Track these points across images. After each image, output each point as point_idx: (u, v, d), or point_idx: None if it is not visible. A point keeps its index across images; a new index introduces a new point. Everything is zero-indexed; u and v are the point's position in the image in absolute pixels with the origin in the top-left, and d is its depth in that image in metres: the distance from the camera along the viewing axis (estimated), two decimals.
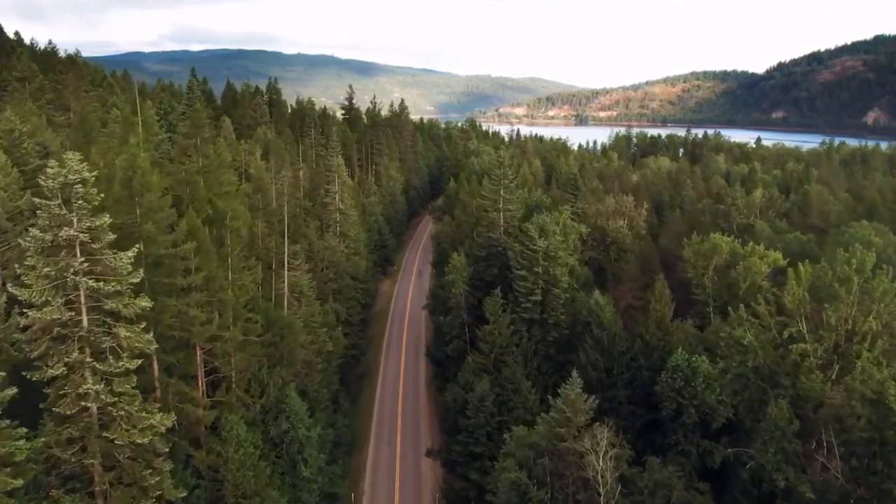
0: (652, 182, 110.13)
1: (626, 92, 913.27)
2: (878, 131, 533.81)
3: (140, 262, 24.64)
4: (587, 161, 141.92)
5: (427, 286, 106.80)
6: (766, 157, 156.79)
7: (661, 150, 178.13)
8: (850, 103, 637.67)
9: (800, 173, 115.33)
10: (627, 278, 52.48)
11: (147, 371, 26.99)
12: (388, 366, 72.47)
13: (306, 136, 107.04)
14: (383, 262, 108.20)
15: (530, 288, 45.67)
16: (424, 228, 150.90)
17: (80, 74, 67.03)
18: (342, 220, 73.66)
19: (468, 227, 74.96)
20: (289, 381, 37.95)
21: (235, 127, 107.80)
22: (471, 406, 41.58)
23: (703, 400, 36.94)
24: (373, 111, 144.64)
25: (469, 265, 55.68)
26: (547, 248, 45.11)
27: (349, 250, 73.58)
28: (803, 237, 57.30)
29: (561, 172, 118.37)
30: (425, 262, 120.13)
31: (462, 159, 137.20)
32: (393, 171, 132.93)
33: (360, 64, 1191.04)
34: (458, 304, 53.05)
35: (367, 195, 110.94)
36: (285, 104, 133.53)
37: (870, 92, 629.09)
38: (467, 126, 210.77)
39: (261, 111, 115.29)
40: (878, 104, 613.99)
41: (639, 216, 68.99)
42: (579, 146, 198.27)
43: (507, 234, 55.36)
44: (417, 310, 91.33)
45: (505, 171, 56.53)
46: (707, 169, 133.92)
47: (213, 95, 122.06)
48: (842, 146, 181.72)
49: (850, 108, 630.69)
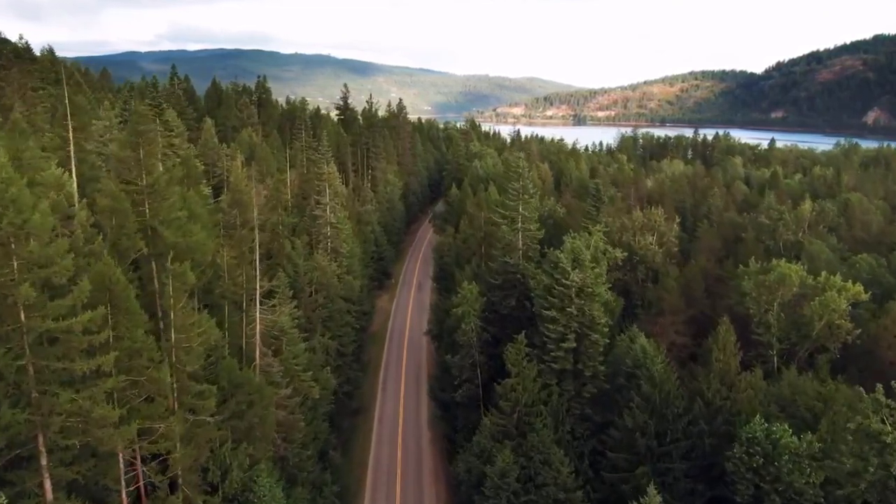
0: (671, 189, 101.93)
1: (624, 92, 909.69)
2: (878, 131, 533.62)
3: (17, 340, 16.55)
4: (597, 165, 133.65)
5: (427, 300, 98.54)
6: (785, 161, 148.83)
7: (670, 152, 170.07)
8: (849, 103, 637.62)
9: (829, 178, 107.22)
10: (669, 309, 44.29)
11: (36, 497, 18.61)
12: (385, 399, 64.07)
13: (296, 139, 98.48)
14: (380, 275, 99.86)
15: (562, 333, 37.02)
16: (424, 235, 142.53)
17: (27, 70, 58.68)
18: (334, 234, 65.28)
19: (475, 243, 66.73)
20: (259, 459, 29.67)
21: (219, 129, 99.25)
22: (489, 484, 33.25)
23: (790, 484, 28.75)
24: (369, 111, 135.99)
25: (481, 293, 47.07)
26: (582, 282, 36.53)
27: (342, 269, 65.23)
28: (874, 261, 49.09)
29: (571, 178, 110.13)
30: (425, 274, 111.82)
31: (464, 163, 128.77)
32: (390, 176, 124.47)
33: (358, 63, 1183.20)
34: (468, 342, 44.71)
35: (362, 203, 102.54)
36: (276, 104, 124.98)
37: (869, 92, 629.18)
38: (467, 126, 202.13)
39: (248, 112, 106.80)
40: (877, 104, 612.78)
41: (669, 231, 60.82)
42: (585, 148, 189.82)
43: (526, 258, 46.82)
44: (418, 330, 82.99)
45: (525, 183, 47.59)
46: (725, 173, 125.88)
47: (197, 95, 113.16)
48: (856, 147, 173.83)
49: (849, 107, 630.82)
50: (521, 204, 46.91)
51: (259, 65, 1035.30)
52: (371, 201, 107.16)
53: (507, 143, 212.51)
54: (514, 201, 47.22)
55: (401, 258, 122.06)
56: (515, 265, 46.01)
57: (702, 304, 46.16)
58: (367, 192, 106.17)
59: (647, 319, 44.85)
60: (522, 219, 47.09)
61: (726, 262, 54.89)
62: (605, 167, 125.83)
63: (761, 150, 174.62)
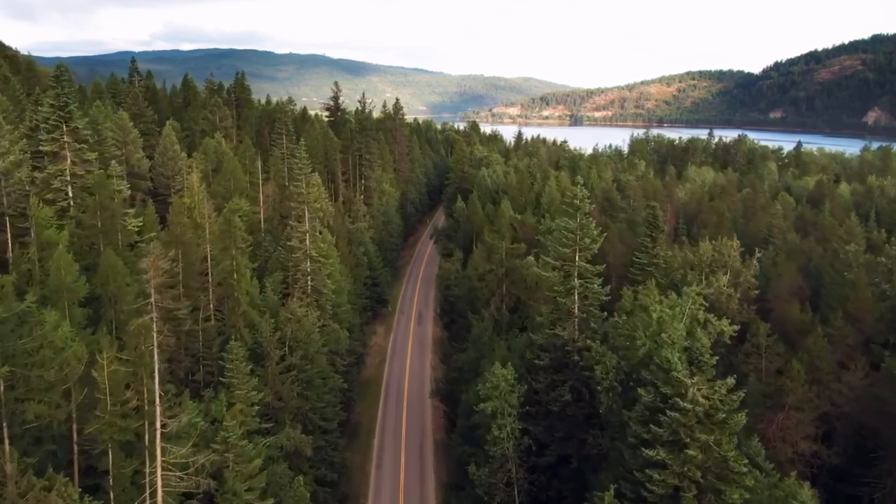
0: (708, 204, 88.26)
1: (621, 92, 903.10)
2: (878, 131, 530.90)
3: None
4: (618, 172, 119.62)
5: (429, 334, 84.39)
6: (825, 167, 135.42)
7: (690, 157, 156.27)
8: (849, 103, 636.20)
9: (888, 190, 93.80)
10: (794, 402, 30.46)
11: None
12: (380, 484, 49.93)
13: (276, 145, 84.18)
14: (375, 302, 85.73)
15: (674, 486, 22.24)
16: (424, 249, 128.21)
17: None
18: (315, 270, 51.13)
19: (493, 281, 52.76)
20: None
21: (187, 134, 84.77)
22: None
23: None
24: (362, 113, 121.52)
25: (516, 373, 32.52)
26: (708, 400, 21.81)
27: (325, 315, 51.13)
28: None
29: (595, 190, 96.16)
30: (426, 299, 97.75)
31: (470, 171, 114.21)
32: (386, 185, 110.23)
33: (352, 63, 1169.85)
34: (502, 453, 30.73)
35: (354, 219, 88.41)
36: (256, 105, 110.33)
37: (869, 91, 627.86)
38: (469, 128, 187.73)
39: (221, 113, 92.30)
40: (878, 104, 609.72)
41: (748, 269, 47.09)
42: (593, 150, 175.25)
43: (584, 328, 32.09)
44: (419, 378, 69.09)
45: (585, 222, 32.31)
46: (760, 181, 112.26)
47: (164, 94, 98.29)
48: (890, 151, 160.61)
49: (849, 107, 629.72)
50: (580, 251, 32.24)
51: (253, 64, 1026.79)
52: (364, 216, 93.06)
53: (509, 146, 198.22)
54: (567, 246, 32.35)
55: (398, 278, 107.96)
56: (573, 343, 31.55)
57: (837, 394, 32.38)
58: (359, 206, 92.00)
59: (757, 415, 30.99)
60: (580, 272, 32.36)
61: (808, 311, 41.11)
62: (626, 175, 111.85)
63: (787, 154, 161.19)
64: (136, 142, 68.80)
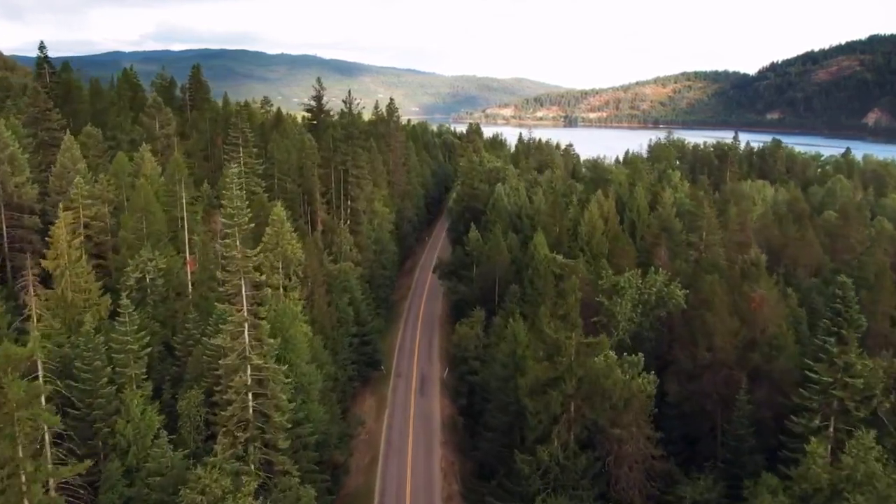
0: (796, 235, 68.45)
1: (615, 92, 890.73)
2: (879, 132, 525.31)
3: None
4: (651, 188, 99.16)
5: (437, 411, 62.82)
6: (881, 177, 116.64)
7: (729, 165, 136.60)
8: (847, 104, 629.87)
9: None
10: None
11: None
12: None
13: (232, 160, 62.85)
14: (364, 366, 65.12)
15: None
16: (424, 278, 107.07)
17: None
18: (262, 383, 30.53)
19: (558, 401, 32.17)
20: None
21: (110, 145, 63.76)
22: None
23: None
24: (349, 115, 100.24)
25: None
26: None
27: (280, 460, 30.53)
28: None
29: (639, 213, 75.89)
30: (429, 353, 77.02)
31: (482, 187, 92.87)
32: (378, 204, 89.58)
33: (344, 64, 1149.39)
34: None
35: (336, 256, 67.74)
36: (216, 107, 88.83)
37: (868, 92, 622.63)
38: (471, 131, 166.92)
39: (163, 118, 71.04)
40: (878, 104, 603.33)
41: None
42: (616, 159, 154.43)
43: None
44: (426, 494, 48.61)
45: None
46: (831, 199, 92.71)
47: (84, 94, 76.13)
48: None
49: (848, 108, 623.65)
50: None
51: (245, 65, 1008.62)
52: (351, 249, 72.33)
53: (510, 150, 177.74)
54: None
55: (394, 319, 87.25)
56: None
57: None
58: (343, 238, 71.18)
59: None
60: None
61: None
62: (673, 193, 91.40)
63: (832, 161, 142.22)
64: (19, 160, 47.75)
